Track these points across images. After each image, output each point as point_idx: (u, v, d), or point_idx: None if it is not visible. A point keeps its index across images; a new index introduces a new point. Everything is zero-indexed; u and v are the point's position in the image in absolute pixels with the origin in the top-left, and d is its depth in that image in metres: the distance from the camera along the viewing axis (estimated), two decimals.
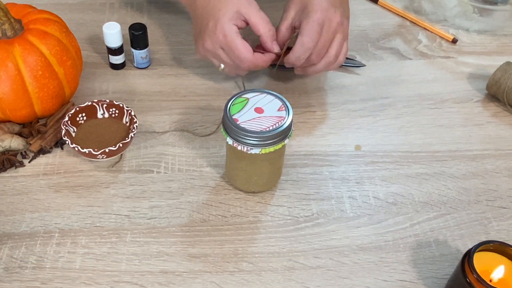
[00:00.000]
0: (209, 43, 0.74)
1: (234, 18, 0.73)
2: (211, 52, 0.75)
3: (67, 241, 0.64)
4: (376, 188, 0.72)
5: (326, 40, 0.74)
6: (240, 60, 0.73)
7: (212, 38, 0.73)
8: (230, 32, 0.72)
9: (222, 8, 0.73)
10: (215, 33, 0.73)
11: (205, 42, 0.75)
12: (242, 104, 0.64)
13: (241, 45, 0.72)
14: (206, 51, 0.76)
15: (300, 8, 0.75)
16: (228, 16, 0.72)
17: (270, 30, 0.75)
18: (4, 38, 0.71)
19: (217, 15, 0.72)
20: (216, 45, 0.74)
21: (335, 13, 0.74)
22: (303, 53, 0.74)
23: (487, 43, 0.96)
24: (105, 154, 0.70)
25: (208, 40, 0.74)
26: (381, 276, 0.63)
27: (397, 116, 0.82)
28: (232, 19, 0.72)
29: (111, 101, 0.75)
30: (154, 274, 0.62)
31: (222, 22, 0.72)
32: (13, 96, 0.70)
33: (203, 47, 0.76)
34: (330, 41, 0.75)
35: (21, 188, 0.70)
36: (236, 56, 0.73)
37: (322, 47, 0.74)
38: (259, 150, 0.62)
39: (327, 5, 0.73)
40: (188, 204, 0.69)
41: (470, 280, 0.54)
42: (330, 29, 0.74)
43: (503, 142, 0.79)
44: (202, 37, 0.75)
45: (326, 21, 0.73)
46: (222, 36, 0.72)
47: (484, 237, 0.67)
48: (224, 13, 0.72)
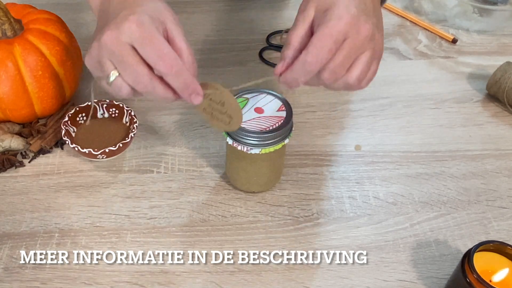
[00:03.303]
0: (111, 35, 0.53)
1: (156, 22, 0.55)
2: (109, 48, 0.53)
3: (67, 241, 0.64)
4: (376, 188, 0.72)
5: (347, 58, 0.55)
6: (161, 55, 0.53)
7: (120, 28, 0.53)
8: (149, 22, 0.53)
9: (144, 6, 0.55)
10: (125, 21, 0.53)
11: (105, 33, 0.53)
12: (242, 104, 0.64)
13: (163, 39, 0.54)
14: (102, 47, 0.54)
15: (322, 8, 0.56)
16: (150, 15, 0.54)
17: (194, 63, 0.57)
18: (4, 38, 0.71)
19: (136, 8, 0.55)
20: (123, 37, 0.53)
21: (365, 23, 0.55)
22: (303, 75, 0.56)
23: (487, 43, 0.96)
24: (105, 154, 0.70)
25: (112, 31, 0.53)
26: (381, 276, 0.63)
27: (397, 116, 0.82)
28: (153, 20, 0.54)
29: (111, 101, 0.75)
30: (154, 274, 0.62)
31: (139, 13, 0.54)
32: (13, 96, 0.70)
33: (99, 42, 0.54)
34: (353, 59, 0.56)
35: (21, 188, 0.70)
36: (157, 50, 0.53)
37: (339, 66, 0.55)
38: (259, 150, 0.62)
39: (356, 11, 0.55)
40: (188, 204, 0.69)
41: (470, 280, 0.54)
42: (356, 43, 0.55)
43: (503, 142, 0.79)
44: (103, 31, 0.54)
45: (351, 32, 0.54)
46: (137, 25, 0.53)
47: (484, 237, 0.67)
48: (145, 10, 0.55)
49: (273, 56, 0.91)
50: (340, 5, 0.55)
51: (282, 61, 0.57)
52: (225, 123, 0.60)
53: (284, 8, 1.03)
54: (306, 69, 0.55)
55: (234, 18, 1.00)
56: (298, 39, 0.57)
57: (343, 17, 0.54)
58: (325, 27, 0.54)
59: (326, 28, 0.54)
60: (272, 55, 0.92)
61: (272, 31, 0.95)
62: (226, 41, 0.94)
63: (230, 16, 1.00)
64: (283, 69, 0.57)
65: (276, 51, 0.93)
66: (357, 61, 0.57)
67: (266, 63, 0.90)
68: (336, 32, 0.54)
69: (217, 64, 0.89)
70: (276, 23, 0.98)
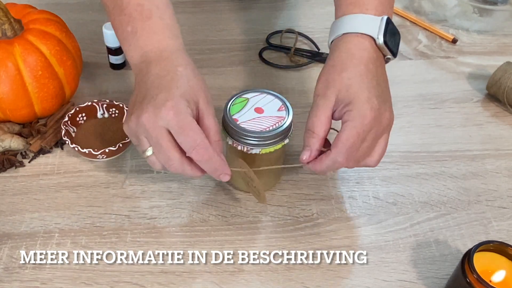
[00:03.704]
0: (150, 117, 0.56)
1: (191, 104, 0.58)
2: (146, 129, 0.57)
3: (67, 241, 0.64)
4: (376, 188, 0.72)
5: (370, 147, 0.60)
6: (196, 145, 0.56)
7: (158, 113, 0.56)
8: (185, 111, 0.56)
9: (182, 88, 0.58)
10: (164, 107, 0.56)
11: (144, 114, 0.56)
12: (242, 104, 0.64)
13: (199, 129, 0.57)
14: (140, 125, 0.57)
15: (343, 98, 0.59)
16: (187, 98, 0.57)
17: (219, 140, 0.60)
18: (4, 38, 0.71)
19: (174, 91, 0.57)
20: (160, 122, 0.56)
21: (385, 112, 0.59)
22: (332, 169, 0.60)
23: (487, 43, 0.96)
24: (105, 154, 0.70)
25: (150, 113, 0.56)
26: (381, 276, 0.63)
27: (397, 116, 0.81)
28: (189, 103, 0.57)
29: (111, 101, 0.75)
30: (154, 274, 0.62)
31: (177, 99, 0.57)
32: (13, 96, 0.70)
33: (138, 119, 0.57)
34: (374, 146, 0.60)
35: (21, 188, 0.70)
36: (193, 140, 0.56)
37: (363, 155, 0.60)
38: (259, 150, 0.62)
39: (377, 104, 0.58)
40: (188, 204, 0.69)
41: (470, 280, 0.54)
42: (378, 133, 0.60)
43: (503, 142, 0.79)
44: (142, 108, 0.57)
45: (375, 125, 0.58)
46: (174, 113, 0.56)
47: (484, 237, 0.67)
48: (183, 93, 0.57)
49: (273, 56, 0.91)
50: (362, 99, 0.58)
51: (308, 151, 0.60)
52: (257, 195, 0.66)
53: (284, 8, 1.03)
54: (336, 166, 0.59)
55: (234, 18, 1.00)
56: (323, 128, 0.59)
57: (367, 115, 0.57)
58: (353, 127, 0.57)
59: (354, 128, 0.57)
60: (272, 55, 0.92)
61: (272, 31, 0.95)
62: (226, 41, 0.94)
63: (230, 16, 1.00)
64: (310, 159, 0.60)
65: (276, 51, 0.93)
66: (377, 146, 0.61)
67: (266, 63, 0.90)
68: (362, 131, 0.57)
69: (217, 64, 0.89)
70: (276, 23, 0.98)
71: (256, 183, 0.63)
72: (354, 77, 0.59)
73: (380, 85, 0.61)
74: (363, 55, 0.61)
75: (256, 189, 0.65)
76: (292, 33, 0.95)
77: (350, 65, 0.60)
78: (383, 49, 0.63)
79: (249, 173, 0.63)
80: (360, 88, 0.59)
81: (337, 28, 0.63)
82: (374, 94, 0.59)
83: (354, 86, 0.59)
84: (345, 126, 0.58)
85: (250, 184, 0.66)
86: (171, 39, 0.63)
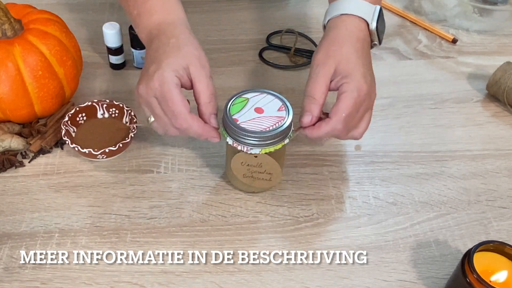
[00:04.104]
0: (143, 88, 0.63)
1: (179, 71, 0.62)
2: (144, 98, 0.64)
3: (67, 241, 0.64)
4: (376, 188, 0.72)
5: (360, 119, 0.66)
6: (174, 114, 0.62)
7: (148, 83, 0.62)
8: (169, 81, 0.61)
9: (170, 57, 0.63)
10: (153, 78, 0.62)
11: (140, 86, 0.64)
12: (242, 104, 0.64)
13: (177, 98, 0.61)
14: (139, 96, 0.64)
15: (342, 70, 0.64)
16: (174, 66, 0.62)
17: (211, 101, 0.64)
18: (4, 38, 0.71)
19: (163, 62, 0.63)
20: (151, 92, 0.62)
21: (374, 89, 0.66)
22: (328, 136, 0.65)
23: (487, 43, 0.96)
24: (105, 154, 0.70)
25: (143, 85, 0.63)
26: (381, 276, 0.63)
27: (397, 116, 0.82)
28: (176, 71, 0.62)
29: (111, 101, 0.75)
30: (154, 274, 0.62)
31: (164, 69, 0.62)
32: (13, 96, 0.70)
33: (137, 91, 0.64)
34: (362, 119, 0.66)
35: (21, 188, 0.70)
36: (170, 109, 0.62)
37: (353, 126, 0.66)
38: (259, 150, 0.62)
39: (370, 79, 0.65)
40: (188, 204, 0.69)
41: (470, 280, 0.54)
42: (367, 106, 0.66)
43: (503, 142, 0.79)
44: (140, 80, 0.64)
45: (367, 98, 0.64)
46: (159, 83, 0.61)
47: (484, 237, 0.67)
48: (170, 62, 0.62)
49: (273, 56, 0.91)
50: (359, 73, 0.64)
51: (309, 116, 0.63)
52: (267, 180, 0.67)
53: (284, 8, 1.03)
54: (334, 133, 0.64)
55: (234, 18, 1.00)
56: (323, 95, 0.64)
57: (363, 89, 0.63)
58: (351, 98, 0.62)
59: (352, 99, 0.62)
60: (272, 55, 0.92)
61: (272, 31, 0.95)
62: (226, 41, 0.94)
63: (230, 16, 1.00)
64: (310, 124, 0.64)
65: (276, 51, 0.93)
66: (364, 119, 0.66)
67: (266, 63, 0.90)
68: (358, 102, 0.63)
69: (217, 64, 0.89)
70: (276, 23, 0.98)
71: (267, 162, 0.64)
72: (353, 52, 0.65)
73: (370, 65, 0.67)
74: (359, 35, 0.67)
75: (266, 173, 0.65)
76: (292, 33, 0.95)
77: (349, 41, 0.66)
78: (373, 34, 0.69)
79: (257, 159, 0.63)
80: (357, 64, 0.64)
81: (335, 9, 0.69)
82: (368, 71, 0.65)
83: (353, 61, 0.64)
84: (344, 96, 0.63)
85: (255, 176, 0.66)
86: (169, 14, 0.68)
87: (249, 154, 0.63)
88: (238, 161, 0.64)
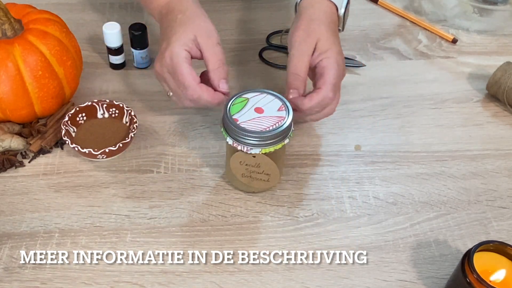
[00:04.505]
0: (158, 66, 0.69)
1: (188, 44, 0.67)
2: (160, 75, 0.70)
3: (67, 241, 0.64)
4: (376, 188, 0.72)
5: None
6: (184, 87, 0.67)
7: (161, 60, 0.68)
8: (178, 56, 0.66)
9: (178, 32, 0.68)
10: (164, 55, 0.67)
11: (155, 64, 0.70)
12: (242, 104, 0.64)
13: (186, 71, 0.66)
14: (156, 73, 0.71)
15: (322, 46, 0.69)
16: (182, 40, 0.67)
17: (219, 67, 0.68)
18: (4, 38, 0.71)
19: (171, 38, 0.67)
20: (164, 68, 0.68)
21: (345, 65, 0.71)
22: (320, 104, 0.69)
23: (487, 43, 0.96)
24: (105, 154, 0.70)
25: (158, 62, 0.69)
26: (381, 276, 0.63)
27: (397, 116, 0.82)
28: (185, 45, 0.67)
29: (111, 101, 0.75)
30: (154, 274, 0.62)
31: (172, 45, 0.67)
32: (13, 96, 0.70)
33: (154, 69, 0.71)
34: None
35: (21, 188, 0.70)
36: (180, 82, 0.67)
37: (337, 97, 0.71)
38: (259, 150, 0.62)
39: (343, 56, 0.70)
40: (188, 204, 0.69)
41: (470, 280, 0.54)
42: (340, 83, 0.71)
43: (503, 142, 0.79)
44: (156, 59, 0.70)
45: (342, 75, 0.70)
46: (169, 59, 0.67)
47: (484, 237, 0.67)
48: (178, 37, 0.67)
49: (273, 56, 0.91)
50: (337, 51, 0.69)
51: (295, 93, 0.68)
52: (265, 181, 0.67)
53: (284, 8, 1.03)
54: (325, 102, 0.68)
55: (234, 18, 1.00)
56: (305, 71, 0.69)
57: (341, 64, 0.69)
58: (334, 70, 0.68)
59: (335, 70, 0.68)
60: (272, 55, 0.92)
61: (272, 31, 0.95)
62: (226, 41, 0.94)
63: (230, 16, 1.00)
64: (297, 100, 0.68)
65: (276, 51, 0.93)
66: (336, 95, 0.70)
67: (266, 63, 0.90)
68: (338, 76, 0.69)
69: None
70: (276, 23, 0.98)
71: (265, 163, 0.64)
72: (329, 31, 0.70)
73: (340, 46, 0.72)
74: (332, 17, 0.73)
75: (264, 173, 0.66)
76: None
77: (325, 21, 0.71)
78: (340, 20, 0.75)
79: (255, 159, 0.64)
80: (334, 42, 0.70)
81: None
82: (341, 50, 0.71)
83: (330, 38, 0.70)
84: (328, 68, 0.68)
85: (253, 176, 0.66)
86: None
87: (248, 153, 0.63)
88: (236, 160, 0.64)
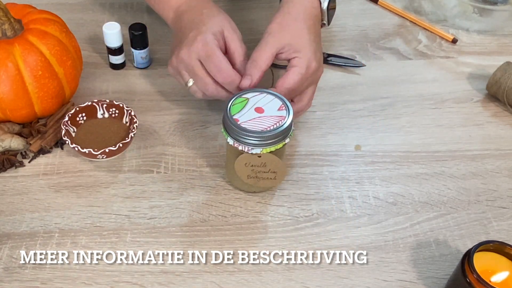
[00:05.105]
0: (185, 52, 0.69)
1: (217, 35, 0.69)
2: (185, 62, 0.70)
3: (67, 241, 0.64)
4: (376, 188, 0.72)
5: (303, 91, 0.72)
6: (219, 70, 0.68)
7: (190, 47, 0.69)
8: (211, 42, 0.68)
9: (208, 24, 0.70)
10: (195, 42, 0.68)
11: (181, 50, 0.69)
12: (242, 104, 0.64)
13: (222, 55, 0.68)
14: (180, 61, 0.70)
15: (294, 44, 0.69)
16: (212, 30, 0.69)
17: (245, 59, 0.71)
18: (4, 38, 0.71)
19: (202, 28, 0.70)
20: (193, 54, 0.69)
21: (321, 66, 0.72)
22: None
23: (487, 43, 0.96)
24: (105, 154, 0.70)
25: (185, 49, 0.69)
26: (381, 276, 0.63)
27: (397, 116, 0.82)
28: (215, 35, 0.69)
29: (111, 101, 0.75)
30: (154, 274, 0.62)
31: (204, 32, 0.69)
32: (13, 96, 0.70)
33: (177, 57, 0.70)
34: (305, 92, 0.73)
35: (21, 188, 0.70)
36: (216, 67, 0.68)
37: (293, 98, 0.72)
38: (260, 149, 0.62)
39: (319, 56, 0.71)
40: (188, 204, 0.69)
41: (470, 280, 0.54)
42: (312, 82, 0.72)
43: (503, 142, 0.79)
44: (180, 46, 0.70)
45: (313, 74, 0.71)
46: (202, 44, 0.68)
47: (484, 237, 0.67)
48: (208, 28, 0.69)
49: None
50: (311, 50, 0.69)
51: (249, 79, 0.68)
52: (272, 179, 0.67)
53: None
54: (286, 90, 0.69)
55: (234, 18, 0.99)
56: (266, 63, 0.69)
57: (312, 66, 0.69)
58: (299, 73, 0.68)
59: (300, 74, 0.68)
60: None
61: None
62: None
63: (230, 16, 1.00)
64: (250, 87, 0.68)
65: None
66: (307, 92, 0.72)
67: None
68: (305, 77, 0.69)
69: None
70: None
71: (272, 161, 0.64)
72: (305, 28, 0.70)
73: (319, 41, 0.73)
74: (312, 12, 0.72)
75: (270, 172, 0.66)
76: None
77: (303, 17, 0.71)
78: (323, 14, 0.75)
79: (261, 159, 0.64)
80: (310, 40, 0.70)
81: None
82: (318, 49, 0.71)
83: (305, 36, 0.70)
84: (292, 71, 0.69)
85: (260, 176, 0.66)
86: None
87: (253, 154, 0.63)
88: (241, 162, 0.64)
